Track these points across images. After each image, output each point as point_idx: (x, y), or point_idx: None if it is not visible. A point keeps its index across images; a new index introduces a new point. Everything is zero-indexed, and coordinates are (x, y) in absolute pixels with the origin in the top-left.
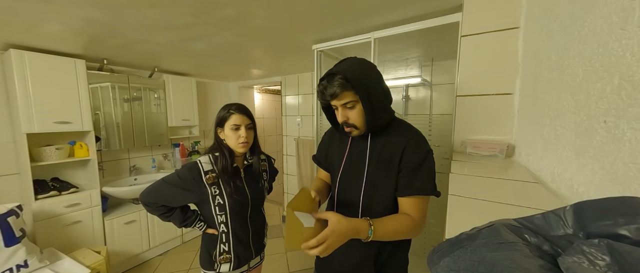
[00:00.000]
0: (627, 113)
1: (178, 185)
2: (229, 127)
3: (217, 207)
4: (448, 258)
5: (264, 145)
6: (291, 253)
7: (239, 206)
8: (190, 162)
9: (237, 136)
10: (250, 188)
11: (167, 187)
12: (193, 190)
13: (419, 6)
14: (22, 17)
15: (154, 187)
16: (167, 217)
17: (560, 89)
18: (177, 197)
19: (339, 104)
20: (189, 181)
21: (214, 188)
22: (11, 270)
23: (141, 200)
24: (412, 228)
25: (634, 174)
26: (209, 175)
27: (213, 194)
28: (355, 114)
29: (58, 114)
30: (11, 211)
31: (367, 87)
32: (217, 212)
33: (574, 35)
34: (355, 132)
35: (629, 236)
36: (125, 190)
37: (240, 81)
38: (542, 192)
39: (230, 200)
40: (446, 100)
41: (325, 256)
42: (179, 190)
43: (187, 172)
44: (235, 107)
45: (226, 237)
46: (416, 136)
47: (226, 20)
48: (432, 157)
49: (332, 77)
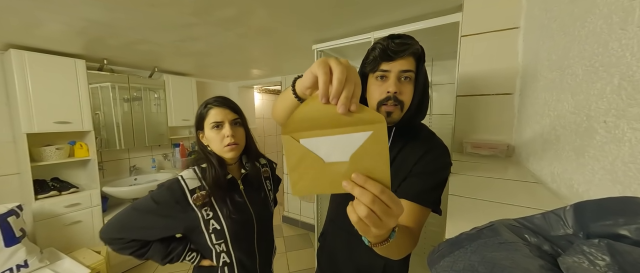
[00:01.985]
0: (627, 113)
1: (155, 212)
2: (208, 126)
3: (214, 234)
4: (448, 258)
5: (264, 145)
6: (291, 253)
7: (242, 228)
8: (169, 180)
9: (220, 137)
10: (253, 204)
11: (138, 217)
12: (177, 217)
13: (419, 6)
14: (22, 17)
15: (120, 218)
16: (142, 255)
17: (560, 89)
18: (154, 229)
19: (397, 68)
20: (170, 206)
21: (206, 210)
22: (11, 270)
23: (102, 238)
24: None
25: (634, 174)
26: (196, 195)
27: (205, 218)
28: (409, 90)
29: (58, 114)
30: (11, 211)
31: (426, 72)
32: (214, 241)
33: (574, 35)
34: (396, 114)
35: (629, 236)
36: (125, 190)
37: (240, 81)
38: (542, 192)
39: (229, 222)
40: (446, 100)
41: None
42: (156, 218)
43: (166, 193)
44: (214, 99)
45: (229, 271)
46: (441, 145)
47: (226, 20)
48: (448, 172)
49: (401, 36)
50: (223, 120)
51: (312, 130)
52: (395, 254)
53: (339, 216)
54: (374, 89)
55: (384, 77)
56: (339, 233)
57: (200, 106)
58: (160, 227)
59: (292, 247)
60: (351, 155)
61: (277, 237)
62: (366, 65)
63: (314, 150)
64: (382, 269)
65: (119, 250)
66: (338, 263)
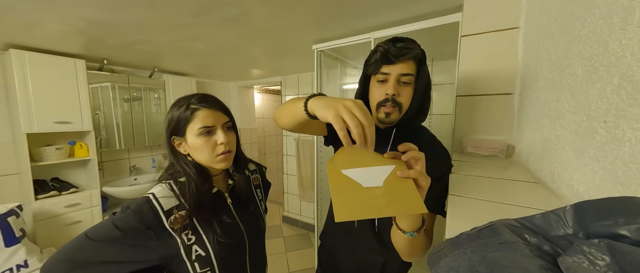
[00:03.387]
0: (627, 113)
1: (118, 242)
2: (193, 132)
3: (197, 262)
4: (448, 258)
5: (264, 145)
6: (291, 252)
7: (232, 252)
8: (136, 201)
9: (211, 145)
10: (244, 222)
11: (96, 249)
12: (148, 246)
13: (419, 6)
14: (22, 17)
15: (70, 251)
16: None
17: (560, 89)
18: (120, 262)
19: (397, 71)
20: (139, 233)
21: (187, 234)
22: (11, 270)
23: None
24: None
25: (634, 174)
26: (174, 216)
27: (186, 244)
28: (408, 93)
29: (58, 114)
30: (11, 211)
31: (426, 75)
32: (198, 270)
33: (574, 35)
34: (394, 115)
35: (629, 236)
36: (125, 190)
37: (240, 81)
38: (542, 192)
39: (217, 248)
40: (446, 100)
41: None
42: (121, 249)
43: (132, 218)
44: (200, 99)
45: None
46: (442, 148)
47: (226, 20)
48: (449, 175)
49: (402, 40)
50: (214, 124)
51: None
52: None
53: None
54: (375, 91)
55: (385, 81)
56: (340, 233)
57: (178, 106)
58: (127, 260)
59: (292, 247)
60: (384, 181)
61: (277, 236)
62: (368, 67)
63: (355, 178)
64: (380, 268)
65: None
66: (338, 261)
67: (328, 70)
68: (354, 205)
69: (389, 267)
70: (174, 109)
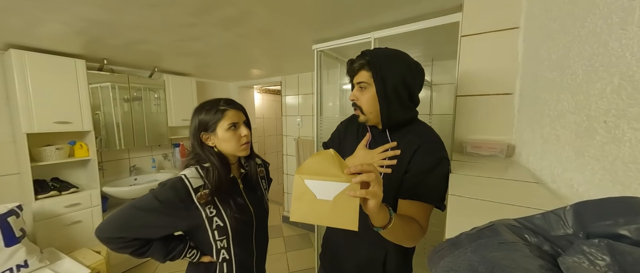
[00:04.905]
0: (627, 113)
1: (158, 210)
2: (223, 128)
3: (217, 230)
4: (448, 258)
5: (264, 145)
6: (291, 253)
7: (243, 227)
8: (171, 179)
9: (237, 137)
10: (252, 204)
11: (140, 215)
12: (181, 215)
13: (419, 6)
14: (22, 17)
15: (120, 217)
16: (143, 254)
17: (560, 89)
18: (157, 228)
19: (355, 81)
20: (175, 204)
21: (209, 208)
22: (11, 270)
23: (99, 237)
24: (418, 234)
25: (634, 174)
26: (200, 193)
27: (209, 216)
28: (366, 97)
29: (58, 114)
30: (11, 211)
31: (385, 74)
32: (216, 237)
33: (574, 35)
34: (362, 117)
35: (629, 236)
36: (126, 190)
37: (240, 81)
38: (542, 192)
39: (233, 221)
40: (446, 100)
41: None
42: (160, 217)
43: (170, 192)
44: (226, 101)
45: (228, 267)
46: (432, 139)
47: (226, 20)
48: (446, 166)
49: (360, 55)
50: (238, 121)
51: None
52: (406, 239)
53: None
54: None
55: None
56: (342, 233)
57: (207, 109)
58: (164, 226)
59: (292, 247)
60: (334, 197)
61: (278, 236)
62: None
63: (312, 189)
64: (383, 260)
65: (117, 250)
66: (341, 262)
67: (328, 70)
68: (305, 211)
69: (391, 259)
70: (203, 112)
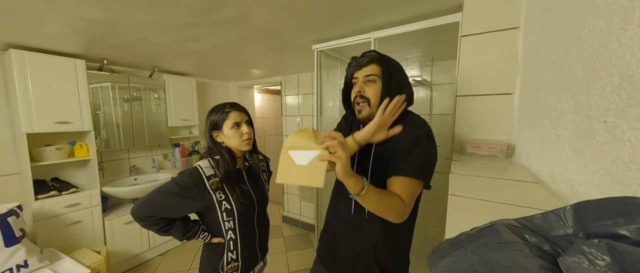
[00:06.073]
0: (627, 113)
1: (179, 194)
2: (228, 126)
3: (225, 212)
4: (448, 258)
5: (264, 145)
6: (291, 253)
7: (247, 210)
8: (188, 168)
9: (239, 134)
10: (255, 191)
11: (165, 198)
12: (196, 198)
13: (419, 6)
14: (22, 17)
15: (150, 199)
16: (166, 231)
17: (560, 89)
18: (178, 208)
19: (361, 75)
20: (191, 189)
21: (219, 193)
22: (11, 270)
23: (134, 215)
24: (399, 207)
25: (634, 174)
26: (212, 180)
27: (218, 200)
28: (373, 90)
29: (58, 114)
30: (11, 211)
31: (393, 71)
32: (224, 218)
33: (574, 35)
34: (366, 111)
35: (629, 236)
36: (125, 190)
37: (240, 81)
38: (542, 192)
39: (238, 205)
40: (446, 100)
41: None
42: (180, 199)
43: (187, 179)
44: (230, 105)
45: (234, 244)
46: (415, 121)
47: (226, 20)
48: (426, 143)
49: (367, 51)
50: (240, 120)
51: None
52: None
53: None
54: (352, 93)
55: (356, 83)
56: (339, 221)
57: (216, 112)
58: (184, 207)
59: (292, 247)
60: (308, 162)
61: (278, 236)
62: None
63: (293, 157)
64: (374, 247)
65: (147, 226)
66: (339, 250)
67: (328, 70)
68: (285, 173)
69: (381, 245)
70: (215, 114)
